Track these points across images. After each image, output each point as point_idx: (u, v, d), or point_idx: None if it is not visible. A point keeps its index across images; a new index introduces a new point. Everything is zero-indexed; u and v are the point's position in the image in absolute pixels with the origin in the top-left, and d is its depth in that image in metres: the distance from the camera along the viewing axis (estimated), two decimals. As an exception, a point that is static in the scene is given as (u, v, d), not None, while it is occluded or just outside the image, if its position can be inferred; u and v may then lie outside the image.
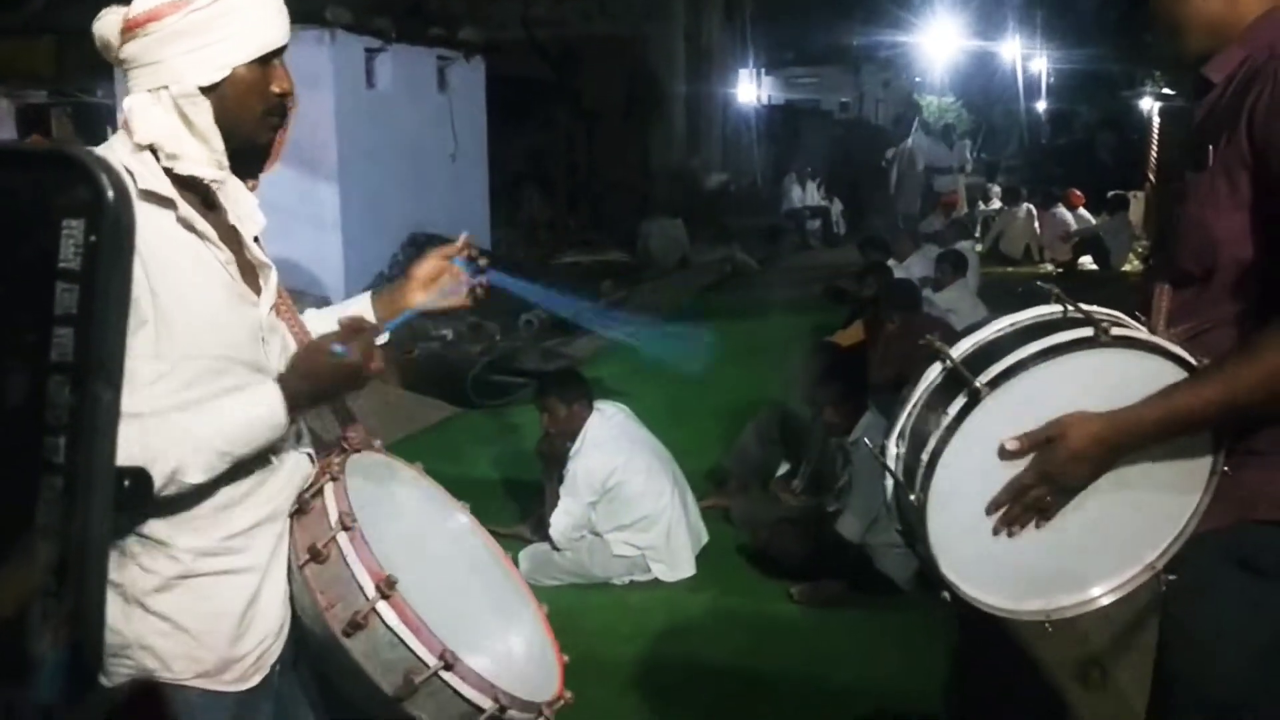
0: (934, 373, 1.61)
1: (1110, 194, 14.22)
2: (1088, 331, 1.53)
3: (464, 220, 10.96)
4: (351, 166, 8.98)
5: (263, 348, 1.70)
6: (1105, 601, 1.67)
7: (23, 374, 0.44)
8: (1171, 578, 1.66)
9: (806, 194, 17.61)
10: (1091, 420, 1.53)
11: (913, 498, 1.55)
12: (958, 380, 1.55)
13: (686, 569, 4.66)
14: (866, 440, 1.57)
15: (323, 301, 8.42)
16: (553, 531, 4.57)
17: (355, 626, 1.60)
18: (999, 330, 1.60)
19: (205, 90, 1.60)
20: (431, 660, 1.61)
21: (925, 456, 1.54)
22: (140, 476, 0.51)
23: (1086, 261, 13.56)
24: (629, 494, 4.58)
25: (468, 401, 7.51)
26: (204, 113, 1.61)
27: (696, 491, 5.03)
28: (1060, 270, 13.15)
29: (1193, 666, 1.72)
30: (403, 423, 6.91)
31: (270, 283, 1.76)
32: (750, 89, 21.71)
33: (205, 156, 1.63)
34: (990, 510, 1.58)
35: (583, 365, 7.49)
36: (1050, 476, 1.54)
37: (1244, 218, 1.61)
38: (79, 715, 0.26)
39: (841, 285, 9.00)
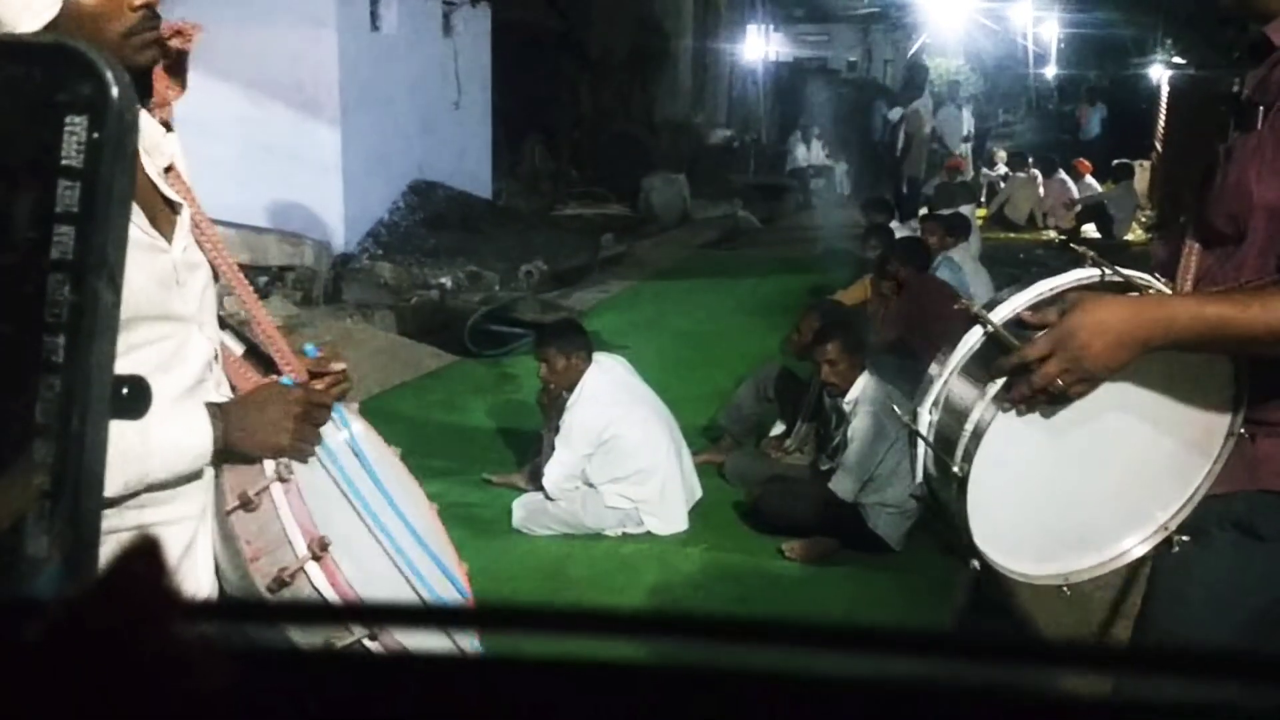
0: (973, 338, 1.54)
1: (1115, 162, 14.15)
2: (1133, 296, 1.51)
3: (466, 169, 10.91)
4: (354, 110, 8.90)
5: (177, 291, 1.61)
6: (1121, 563, 1.66)
7: (23, 272, 0.43)
8: (1185, 539, 1.65)
9: (811, 153, 17.50)
10: (1114, 297, 1.48)
11: (955, 469, 1.48)
12: (1001, 347, 1.50)
13: (679, 523, 4.67)
14: (897, 409, 1.54)
15: (321, 246, 8.41)
16: (546, 481, 4.58)
17: (280, 584, 1.53)
18: (1039, 294, 1.54)
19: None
20: (357, 629, 1.48)
21: (970, 426, 1.47)
22: (138, 385, 0.50)
23: (1089, 230, 13.51)
24: (624, 447, 4.59)
25: (465, 350, 7.51)
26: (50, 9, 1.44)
27: (692, 447, 5.05)
28: (1063, 238, 13.11)
29: (1178, 622, 1.74)
30: (399, 369, 6.91)
31: (184, 220, 1.66)
32: (758, 45, 21.46)
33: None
34: (1004, 390, 1.49)
35: (582, 318, 7.48)
36: (1065, 344, 1.44)
37: None
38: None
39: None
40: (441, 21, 10.60)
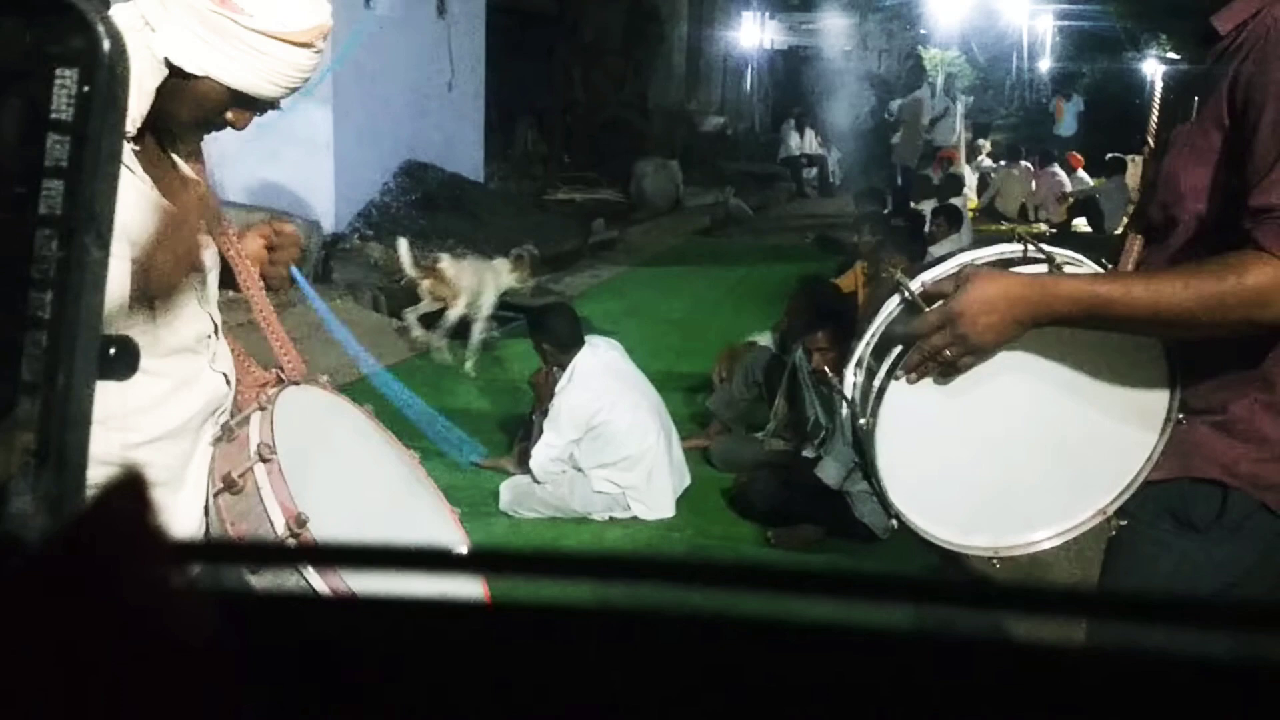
0: (893, 304, 1.62)
1: (1108, 157, 14.17)
2: (1041, 268, 1.56)
3: (458, 151, 10.86)
4: (346, 89, 8.85)
5: None
6: (1053, 544, 1.69)
7: (11, 227, 0.42)
8: (1123, 523, 1.68)
9: (804, 141, 17.48)
10: (1001, 274, 1.54)
11: (862, 422, 1.59)
12: (914, 312, 1.57)
13: (666, 510, 4.67)
14: (829, 370, 1.63)
15: (311, 225, 8.37)
16: (533, 463, 4.58)
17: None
18: (957, 265, 1.62)
19: (170, 65, 1.53)
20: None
21: (876, 384, 1.57)
22: (126, 345, 0.49)
23: (1080, 223, 13.54)
24: (613, 433, 4.58)
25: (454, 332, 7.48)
26: (152, 77, 1.53)
27: (681, 433, 5.04)
28: (1054, 231, 13.14)
29: None
30: (388, 350, 6.89)
31: (193, 198, 1.69)
32: (753, 32, 21.42)
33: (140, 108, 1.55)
34: (903, 368, 1.58)
35: (572, 303, 7.46)
36: (953, 317, 1.51)
37: (1208, 173, 1.61)
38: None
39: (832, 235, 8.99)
40: (436, 2, 10.55)
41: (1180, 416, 1.63)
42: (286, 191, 8.45)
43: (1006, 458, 1.65)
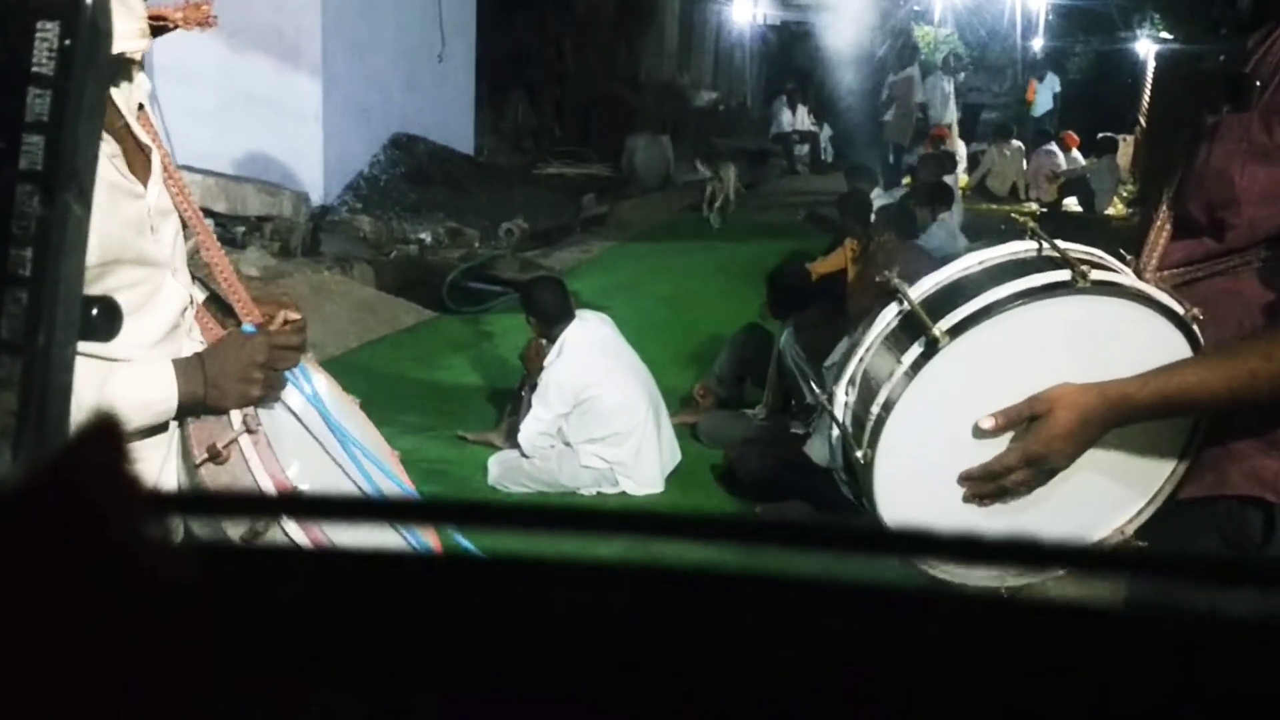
0: (890, 314, 1.45)
1: (1099, 136, 14.17)
2: (1064, 275, 1.37)
3: (448, 123, 10.80)
4: (335, 59, 8.79)
5: (150, 237, 1.58)
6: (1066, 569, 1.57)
7: (-10, 183, 0.41)
8: (1142, 545, 1.56)
9: (796, 118, 17.43)
10: (1078, 395, 1.38)
11: (859, 454, 1.41)
12: (915, 325, 1.40)
13: (655, 486, 4.68)
14: (815, 387, 1.52)
15: (300, 197, 8.33)
16: (521, 438, 4.59)
17: (254, 534, 1.53)
18: (966, 269, 1.44)
19: None
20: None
21: (875, 410, 1.40)
22: (108, 305, 0.49)
23: (1071, 203, 13.55)
24: (602, 408, 4.58)
25: (443, 306, 7.49)
26: None
27: (669, 409, 5.05)
28: (1044, 210, 13.15)
29: None
30: (376, 324, 6.88)
31: (155, 165, 1.63)
32: (746, 7, 21.30)
33: (129, 27, 1.44)
34: (960, 482, 1.44)
35: (561, 277, 7.46)
36: (1035, 458, 1.40)
37: (1272, 173, 1.46)
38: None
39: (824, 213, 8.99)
40: (426, -28, 10.46)
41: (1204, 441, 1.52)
42: (275, 163, 8.40)
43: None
